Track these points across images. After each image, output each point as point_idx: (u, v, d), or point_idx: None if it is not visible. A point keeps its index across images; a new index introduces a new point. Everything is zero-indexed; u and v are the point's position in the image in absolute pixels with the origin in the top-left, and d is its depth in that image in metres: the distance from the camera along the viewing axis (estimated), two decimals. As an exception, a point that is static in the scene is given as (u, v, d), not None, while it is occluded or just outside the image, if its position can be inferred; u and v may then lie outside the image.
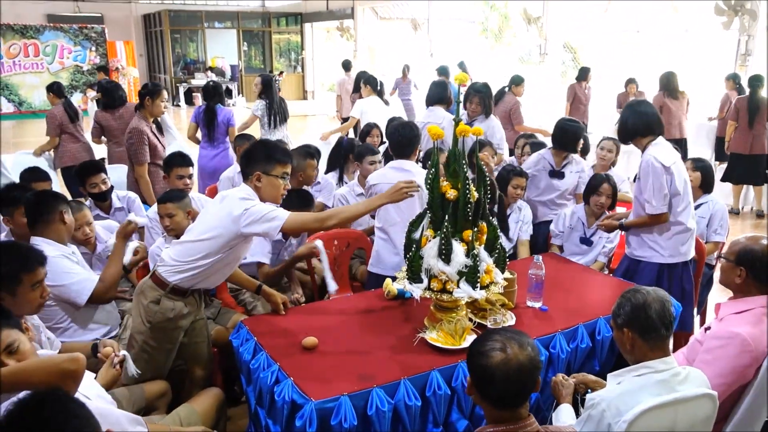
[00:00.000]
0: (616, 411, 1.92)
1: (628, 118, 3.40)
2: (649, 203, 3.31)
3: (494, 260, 2.66)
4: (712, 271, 4.05)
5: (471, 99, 5.38)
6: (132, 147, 4.72)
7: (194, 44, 22.18)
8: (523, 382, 1.73)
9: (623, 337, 2.05)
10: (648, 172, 3.30)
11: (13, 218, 3.20)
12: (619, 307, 2.08)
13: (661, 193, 3.28)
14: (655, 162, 3.28)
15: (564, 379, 2.33)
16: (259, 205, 2.60)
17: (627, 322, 2.03)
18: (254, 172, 2.69)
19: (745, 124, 7.08)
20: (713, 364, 2.25)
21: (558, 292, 3.08)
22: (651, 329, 1.99)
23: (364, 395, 2.20)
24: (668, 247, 3.39)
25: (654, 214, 3.31)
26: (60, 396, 1.44)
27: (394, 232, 3.50)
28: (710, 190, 4.11)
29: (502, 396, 1.74)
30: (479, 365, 1.75)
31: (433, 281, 2.55)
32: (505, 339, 1.77)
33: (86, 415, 1.43)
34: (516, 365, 1.71)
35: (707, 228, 4.01)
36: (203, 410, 2.55)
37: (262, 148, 2.79)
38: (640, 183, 3.37)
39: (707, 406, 1.98)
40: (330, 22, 19.57)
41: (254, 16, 22.16)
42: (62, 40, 16.48)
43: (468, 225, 2.54)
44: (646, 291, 2.06)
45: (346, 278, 3.94)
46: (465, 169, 2.53)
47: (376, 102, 7.29)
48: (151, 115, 4.82)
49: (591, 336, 2.79)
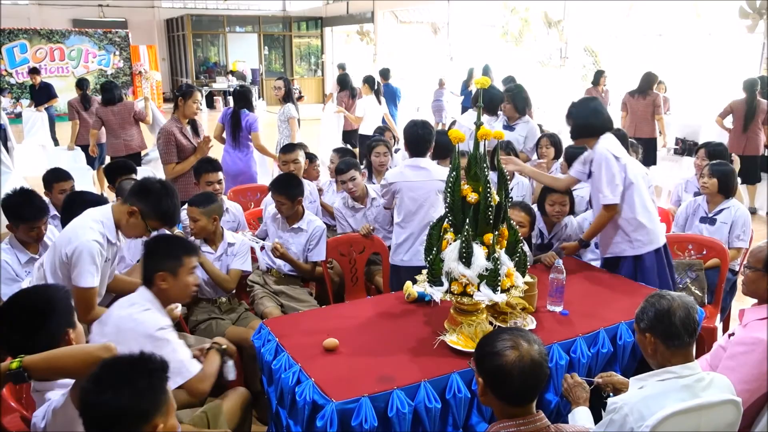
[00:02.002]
0: (639, 415, 1.90)
1: (583, 116, 3.39)
2: (602, 194, 3.31)
3: (515, 264, 2.66)
4: (735, 277, 4.01)
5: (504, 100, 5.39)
6: (160, 147, 4.83)
7: (216, 48, 22.41)
8: (538, 376, 1.78)
9: (646, 341, 2.05)
10: (601, 164, 3.30)
11: (18, 229, 3.24)
12: (642, 312, 2.07)
13: (613, 183, 3.29)
14: (608, 153, 3.30)
15: (574, 379, 2.33)
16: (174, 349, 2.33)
17: (650, 327, 2.02)
18: (159, 272, 2.42)
19: (740, 127, 7.23)
20: (737, 370, 2.22)
21: (579, 297, 3.07)
22: (674, 336, 1.98)
23: (384, 397, 2.21)
24: (635, 239, 3.39)
25: (607, 205, 3.31)
26: None
27: (411, 223, 3.62)
28: (731, 194, 4.05)
29: (519, 392, 1.78)
30: (494, 365, 1.78)
31: (453, 284, 2.55)
32: (514, 337, 1.81)
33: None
34: (530, 360, 1.76)
35: (729, 233, 3.97)
36: (229, 409, 2.54)
37: (165, 244, 2.54)
38: (594, 178, 3.36)
39: (731, 412, 1.96)
40: (350, 26, 19.66)
41: (275, 21, 22.33)
42: (87, 44, 16.77)
43: (489, 228, 2.54)
44: (671, 297, 2.04)
45: (362, 282, 3.97)
46: (486, 172, 2.53)
47: (373, 100, 8.18)
48: (184, 116, 4.88)
49: (612, 341, 2.77)
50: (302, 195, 3.81)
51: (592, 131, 3.40)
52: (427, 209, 3.58)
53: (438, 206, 3.57)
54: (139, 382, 1.49)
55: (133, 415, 1.46)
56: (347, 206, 4.23)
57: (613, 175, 3.29)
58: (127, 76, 17.25)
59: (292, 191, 3.72)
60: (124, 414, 1.46)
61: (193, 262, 2.52)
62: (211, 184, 4.00)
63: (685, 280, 3.68)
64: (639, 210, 3.37)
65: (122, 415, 1.45)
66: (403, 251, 3.67)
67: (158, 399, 1.51)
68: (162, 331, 2.34)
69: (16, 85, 15.83)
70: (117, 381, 1.48)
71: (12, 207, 3.22)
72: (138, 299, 2.42)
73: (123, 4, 19.24)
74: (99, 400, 1.46)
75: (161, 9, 20.97)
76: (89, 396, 1.48)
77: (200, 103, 5.07)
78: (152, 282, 2.43)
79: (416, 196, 3.59)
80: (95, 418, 1.47)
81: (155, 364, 1.56)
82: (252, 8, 21.77)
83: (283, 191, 3.71)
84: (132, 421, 1.46)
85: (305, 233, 3.79)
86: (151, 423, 1.48)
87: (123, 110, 6.92)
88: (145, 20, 20.51)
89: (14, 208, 3.21)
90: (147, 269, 2.46)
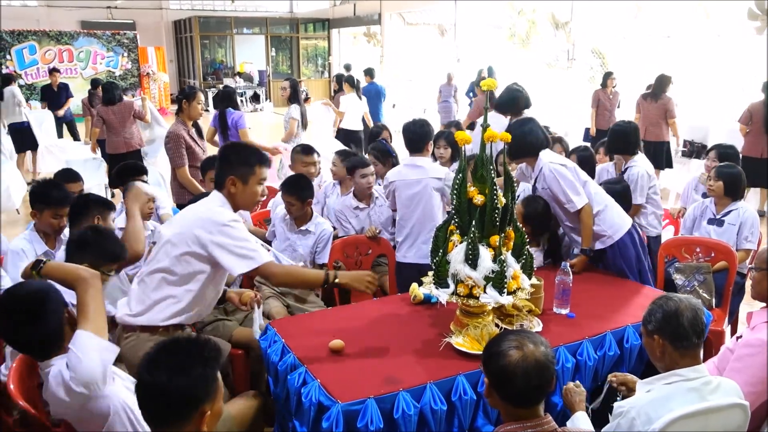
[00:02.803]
0: (646, 418, 1.90)
1: (519, 136, 3.32)
2: (571, 203, 3.37)
3: (521, 266, 2.65)
4: (743, 279, 3.98)
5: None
6: (169, 151, 4.81)
7: (223, 50, 22.51)
8: (542, 377, 1.79)
9: (653, 343, 2.04)
10: (554, 178, 3.37)
11: (41, 215, 3.26)
12: (650, 314, 2.06)
13: (575, 188, 3.38)
14: (554, 165, 3.39)
15: (576, 386, 2.32)
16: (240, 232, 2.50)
17: (658, 329, 2.02)
18: (229, 176, 2.58)
19: (759, 129, 7.06)
20: (744, 372, 2.21)
21: (585, 300, 3.06)
22: (682, 337, 1.97)
23: (390, 398, 2.21)
24: (609, 227, 3.47)
25: (581, 208, 3.38)
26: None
27: (409, 221, 3.72)
28: (738, 197, 4.02)
29: (522, 393, 1.79)
30: (499, 366, 1.80)
31: (459, 286, 2.55)
32: (519, 338, 1.84)
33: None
34: (533, 361, 1.78)
35: (737, 235, 3.94)
36: (239, 414, 2.52)
37: (238, 151, 2.69)
38: (553, 194, 3.41)
39: (739, 415, 1.95)
40: (357, 28, 19.69)
41: (282, 22, 22.41)
42: (95, 46, 16.87)
43: (495, 230, 2.54)
44: (678, 299, 2.04)
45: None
46: (492, 174, 2.53)
47: (354, 98, 8.91)
48: (189, 118, 4.88)
49: (619, 344, 2.76)
50: (312, 197, 3.84)
51: (530, 150, 3.47)
52: (424, 206, 3.66)
53: (435, 203, 3.64)
54: (194, 370, 1.53)
55: (184, 401, 1.52)
56: (350, 207, 4.25)
57: (571, 181, 3.38)
58: (135, 77, 17.35)
59: (302, 193, 3.74)
60: (176, 399, 1.51)
61: (264, 173, 2.64)
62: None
63: (693, 283, 3.66)
64: (597, 205, 3.47)
65: (174, 399, 1.51)
66: (404, 248, 3.76)
67: (209, 387, 1.56)
68: (235, 222, 2.50)
69: (26, 86, 15.94)
70: (172, 366, 1.53)
71: (39, 193, 3.27)
72: (213, 199, 2.58)
73: (131, 6, 19.35)
74: (153, 381, 1.53)
75: (169, 11, 21.09)
76: (144, 375, 1.55)
77: (204, 104, 5.06)
78: (223, 185, 2.55)
79: (412, 194, 3.68)
80: (148, 397, 1.54)
81: (210, 352, 1.60)
82: (259, 10, 21.86)
83: (294, 192, 3.73)
84: (182, 406, 1.52)
85: (313, 235, 3.80)
86: (200, 410, 1.53)
87: (123, 109, 7.25)
88: (153, 22, 20.63)
89: (41, 194, 3.26)
90: (219, 173, 2.59)
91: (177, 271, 2.54)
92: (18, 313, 1.92)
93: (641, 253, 3.54)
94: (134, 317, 2.58)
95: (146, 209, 3.59)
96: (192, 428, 1.53)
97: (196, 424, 1.53)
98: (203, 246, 2.49)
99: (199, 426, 1.54)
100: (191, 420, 1.52)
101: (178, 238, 2.53)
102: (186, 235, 2.52)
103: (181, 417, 1.52)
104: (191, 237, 2.50)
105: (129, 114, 7.32)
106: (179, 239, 2.53)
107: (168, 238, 2.58)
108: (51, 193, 3.27)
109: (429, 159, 3.77)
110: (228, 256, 2.48)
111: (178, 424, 1.52)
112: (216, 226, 2.48)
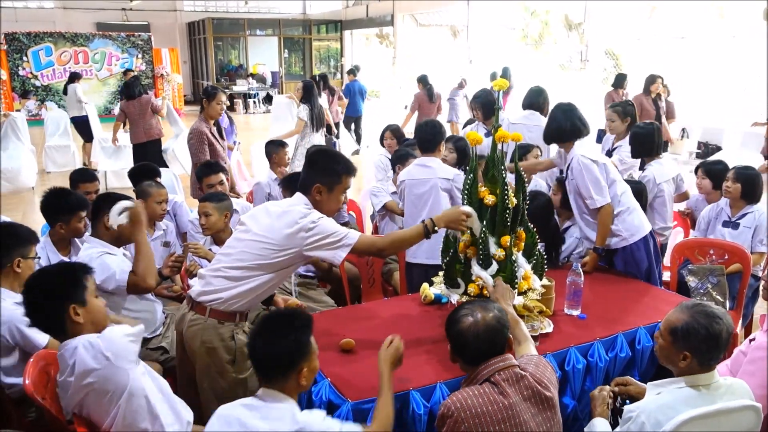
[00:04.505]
0: (655, 423, 1.89)
1: (558, 120, 3.48)
2: (592, 200, 3.36)
3: (532, 266, 2.65)
4: (758, 282, 3.94)
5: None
6: (192, 147, 4.93)
7: (236, 51, 22.64)
8: (492, 340, 1.98)
9: (678, 356, 1.97)
10: (581, 171, 3.37)
11: (69, 225, 3.16)
12: (688, 332, 1.94)
13: (599, 186, 3.36)
14: (584, 159, 3.38)
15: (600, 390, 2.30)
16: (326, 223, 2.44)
17: (694, 348, 1.93)
18: (315, 184, 2.50)
19: None
20: (757, 375, 2.20)
21: (597, 301, 3.05)
22: (714, 358, 1.96)
23: (400, 397, 2.22)
24: (626, 229, 3.46)
25: (601, 207, 3.37)
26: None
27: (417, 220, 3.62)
28: (755, 200, 3.98)
29: (475, 355, 1.99)
30: (454, 331, 2.01)
31: (470, 286, 2.55)
32: (473, 306, 2.05)
33: None
34: (484, 325, 1.97)
35: (752, 238, 3.90)
36: None
37: (327, 158, 2.59)
38: (577, 186, 3.42)
39: (751, 417, 1.94)
40: (370, 29, 19.71)
41: (295, 24, 22.50)
42: (110, 47, 17.02)
43: (506, 231, 2.54)
44: (720, 319, 1.94)
45: (378, 284, 3.98)
46: (504, 174, 2.53)
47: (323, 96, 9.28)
48: (209, 117, 5.01)
49: (631, 345, 2.75)
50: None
51: (563, 135, 3.50)
52: (431, 206, 3.64)
53: (443, 203, 3.64)
54: (288, 337, 1.87)
55: (284, 362, 1.86)
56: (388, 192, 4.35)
57: (596, 178, 3.37)
58: (149, 78, 17.47)
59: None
60: (278, 360, 1.86)
61: (350, 183, 2.62)
62: (212, 186, 4.05)
63: (706, 285, 3.63)
64: (620, 206, 3.47)
65: (276, 361, 1.86)
66: (414, 249, 3.66)
67: (303, 349, 1.89)
68: (321, 219, 2.43)
69: (42, 87, 16.12)
70: (272, 335, 1.88)
71: (55, 204, 3.18)
72: (298, 201, 2.53)
73: (146, 7, 19.52)
74: (260, 346, 1.88)
75: (183, 12, 21.24)
76: (254, 341, 1.91)
77: (224, 104, 5.18)
78: (308, 191, 2.52)
79: (420, 193, 3.69)
80: (257, 360, 1.91)
81: (301, 321, 1.94)
82: (272, 11, 21.95)
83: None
84: (283, 366, 1.86)
85: None
86: (297, 367, 1.87)
87: (143, 103, 7.85)
88: (167, 23, 20.79)
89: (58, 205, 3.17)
90: (306, 178, 2.55)
91: (259, 264, 2.44)
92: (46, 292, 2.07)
93: (653, 261, 3.51)
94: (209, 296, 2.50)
95: (159, 210, 3.62)
96: (293, 382, 1.88)
97: (296, 378, 1.88)
98: (295, 246, 2.41)
99: (299, 380, 1.88)
100: (292, 376, 1.87)
101: (266, 235, 2.44)
102: (276, 232, 2.42)
103: (284, 374, 1.87)
104: (281, 236, 2.41)
105: (147, 107, 7.86)
106: (266, 236, 2.43)
107: (254, 232, 2.48)
108: (68, 201, 3.18)
109: (439, 160, 3.78)
110: (325, 251, 2.42)
111: (283, 379, 1.87)
112: (306, 226, 2.39)
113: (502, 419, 1.85)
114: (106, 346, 1.97)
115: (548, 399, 1.96)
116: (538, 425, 1.92)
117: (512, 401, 1.89)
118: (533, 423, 1.91)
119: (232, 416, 1.85)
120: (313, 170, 2.54)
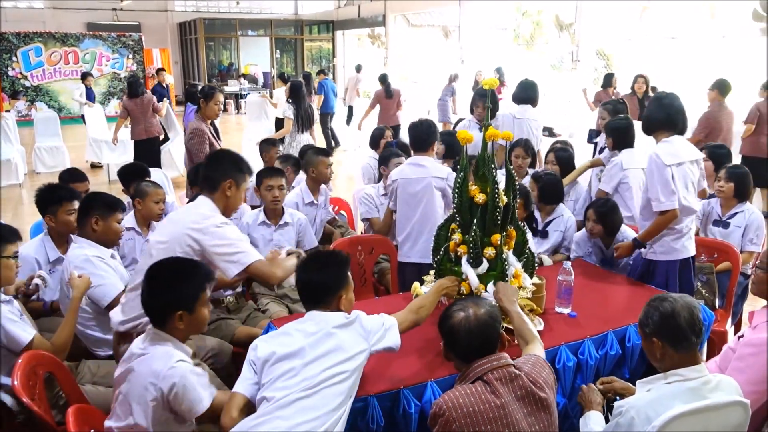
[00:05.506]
0: (645, 418, 1.90)
1: (652, 110, 3.38)
2: (656, 200, 3.20)
3: (523, 265, 2.65)
4: (747, 280, 3.96)
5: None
6: (193, 146, 4.93)
7: (228, 51, 22.57)
8: (485, 335, 1.99)
9: (653, 346, 2.02)
10: (652, 169, 3.22)
11: (56, 217, 3.23)
12: (646, 317, 2.04)
13: (667, 189, 3.17)
14: (657, 158, 3.21)
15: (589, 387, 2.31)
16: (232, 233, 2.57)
17: (656, 331, 2.00)
18: (227, 179, 2.65)
19: (766, 129, 6.95)
20: (745, 372, 2.21)
21: (587, 299, 3.05)
22: (682, 338, 1.96)
23: (391, 396, 2.22)
24: (677, 246, 3.32)
25: (663, 211, 3.20)
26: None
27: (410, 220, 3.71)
28: (745, 198, 4.02)
29: (467, 350, 1.99)
30: (446, 327, 2.04)
31: (462, 285, 2.55)
32: (465, 303, 2.07)
33: None
34: (475, 320, 1.99)
35: (743, 237, 3.93)
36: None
37: (234, 156, 2.79)
38: (648, 183, 3.30)
39: (739, 413, 1.95)
40: (361, 30, 19.72)
41: (287, 24, 22.46)
42: (101, 48, 16.93)
43: (497, 229, 2.54)
44: (673, 299, 2.02)
45: (370, 283, 3.98)
46: (494, 173, 2.53)
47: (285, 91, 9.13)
48: (206, 117, 5.03)
49: (621, 343, 2.76)
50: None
51: (655, 126, 3.35)
52: (425, 205, 3.64)
53: (436, 202, 3.64)
54: (329, 269, 2.23)
55: (325, 289, 2.20)
56: (378, 195, 4.33)
57: (666, 180, 3.19)
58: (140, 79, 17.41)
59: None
60: (321, 288, 2.21)
61: (248, 184, 2.81)
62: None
63: (696, 283, 3.65)
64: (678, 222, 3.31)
65: (319, 288, 2.21)
66: (406, 248, 3.74)
67: (341, 280, 2.23)
68: (226, 225, 2.59)
69: (31, 87, 16.02)
70: (321, 264, 2.26)
71: (46, 197, 3.25)
72: (202, 203, 2.64)
73: (137, 7, 19.42)
74: (306, 277, 2.24)
75: (174, 12, 21.15)
76: (300, 274, 2.27)
77: (221, 105, 5.19)
78: (217, 187, 2.64)
79: (413, 192, 3.67)
80: (303, 288, 2.25)
81: (340, 258, 2.29)
82: (264, 11, 21.91)
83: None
84: (325, 292, 2.20)
85: (291, 226, 3.81)
86: (336, 295, 2.21)
87: (145, 102, 8.21)
88: (158, 24, 20.69)
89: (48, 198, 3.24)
90: (213, 175, 2.67)
91: None
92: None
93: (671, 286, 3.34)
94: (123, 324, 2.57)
95: (156, 210, 3.62)
96: (334, 307, 2.21)
97: (336, 304, 2.21)
98: (199, 251, 2.50)
99: (338, 305, 2.21)
100: (333, 302, 2.20)
101: (172, 243, 2.51)
102: (179, 239, 2.51)
103: (326, 300, 2.20)
104: (184, 241, 2.50)
105: (149, 107, 8.21)
106: (172, 244, 2.51)
107: (160, 241, 2.56)
108: (58, 193, 3.27)
109: (432, 159, 3.78)
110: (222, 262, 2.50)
111: (325, 304, 2.20)
112: (209, 229, 2.50)
113: (493, 418, 1.85)
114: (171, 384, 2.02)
115: (542, 400, 1.95)
116: (530, 425, 1.90)
117: (504, 401, 1.88)
118: (525, 423, 1.89)
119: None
120: (222, 166, 2.68)
